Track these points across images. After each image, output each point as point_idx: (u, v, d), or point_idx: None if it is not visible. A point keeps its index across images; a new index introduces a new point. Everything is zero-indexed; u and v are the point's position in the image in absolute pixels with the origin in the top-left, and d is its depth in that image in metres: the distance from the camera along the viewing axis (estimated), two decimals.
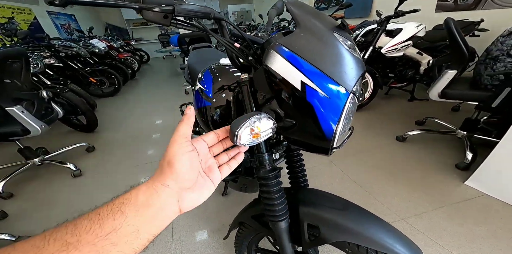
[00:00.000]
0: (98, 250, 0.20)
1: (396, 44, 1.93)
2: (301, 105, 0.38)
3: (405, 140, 1.71)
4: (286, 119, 0.42)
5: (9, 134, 1.42)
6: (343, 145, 0.47)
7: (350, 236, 0.46)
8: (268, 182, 0.48)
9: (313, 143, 0.42)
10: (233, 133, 0.31)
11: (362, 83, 2.23)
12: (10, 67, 1.42)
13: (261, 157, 0.47)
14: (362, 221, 0.48)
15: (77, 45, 3.01)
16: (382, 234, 0.45)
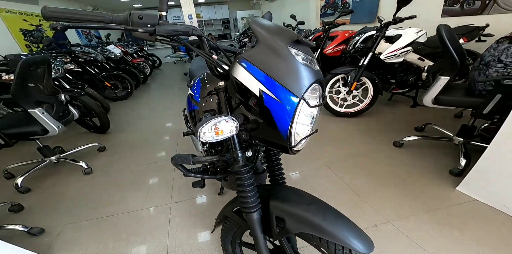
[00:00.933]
0: None
1: (395, 50, 1.96)
2: (261, 109, 0.45)
3: (402, 146, 1.72)
4: (252, 121, 0.49)
5: (30, 133, 1.57)
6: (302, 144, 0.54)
7: (311, 228, 0.52)
8: (241, 176, 0.55)
9: (275, 142, 0.49)
10: (196, 131, 0.39)
11: (362, 89, 2.26)
12: (35, 73, 1.59)
13: (235, 154, 0.54)
14: (324, 216, 0.53)
15: (95, 51, 3.25)
16: (340, 228, 0.51)
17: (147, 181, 1.65)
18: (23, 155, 2.22)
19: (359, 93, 2.27)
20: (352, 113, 2.35)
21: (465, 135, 1.50)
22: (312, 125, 0.55)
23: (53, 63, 2.19)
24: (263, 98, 0.44)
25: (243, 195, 0.56)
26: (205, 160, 0.71)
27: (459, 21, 2.38)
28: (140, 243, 1.14)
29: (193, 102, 0.73)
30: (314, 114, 0.53)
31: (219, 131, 0.42)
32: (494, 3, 2.11)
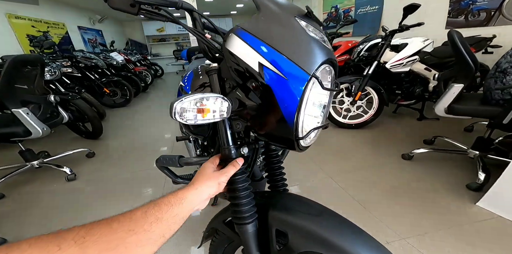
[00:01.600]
0: (169, 226, 0.32)
1: (402, 59, 1.90)
2: (261, 90, 0.35)
3: (412, 158, 1.59)
4: (249, 108, 0.39)
5: (10, 134, 1.46)
6: (311, 138, 0.43)
7: (321, 246, 0.39)
8: (233, 178, 0.43)
9: (278, 133, 0.38)
10: (171, 107, 0.28)
11: (367, 100, 2.19)
12: (25, 72, 1.52)
13: (227, 150, 0.43)
14: (338, 230, 0.41)
15: (97, 57, 3.24)
16: (360, 246, 0.38)
17: (134, 190, 1.50)
18: (4, 159, 2.08)
19: (364, 104, 2.19)
20: (356, 124, 2.25)
21: (481, 148, 1.38)
22: (322, 118, 0.45)
23: (50, 66, 2.13)
24: (263, 73, 0.34)
25: (236, 201, 0.43)
26: (193, 161, 0.60)
27: (464, 33, 2.38)
28: None
29: (182, 93, 0.63)
30: (325, 102, 0.43)
31: (206, 110, 0.31)
32: (499, 14, 2.11)
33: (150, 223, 0.30)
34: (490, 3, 2.21)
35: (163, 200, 0.34)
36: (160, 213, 0.32)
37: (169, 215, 0.32)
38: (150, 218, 0.30)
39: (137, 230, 0.28)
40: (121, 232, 0.27)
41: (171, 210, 0.33)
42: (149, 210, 0.31)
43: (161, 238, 0.31)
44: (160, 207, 0.32)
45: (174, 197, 0.35)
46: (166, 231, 0.32)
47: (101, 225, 0.27)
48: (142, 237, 0.28)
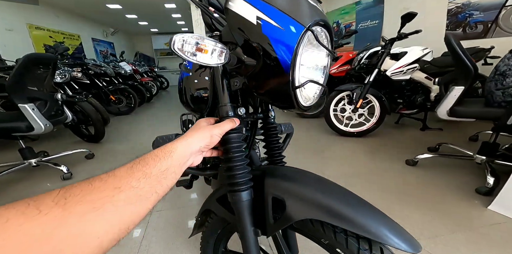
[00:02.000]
0: (159, 181, 0.30)
1: (402, 67, 1.94)
2: (259, 41, 0.36)
3: (416, 164, 1.54)
4: (247, 63, 0.39)
5: (13, 129, 1.46)
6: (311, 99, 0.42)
7: (321, 213, 0.36)
8: (227, 136, 0.41)
9: (275, 87, 0.38)
10: (171, 39, 0.29)
11: (369, 108, 2.19)
12: (37, 69, 1.57)
13: (223, 108, 0.42)
14: (340, 198, 0.38)
15: (106, 65, 3.38)
16: (370, 217, 0.35)
17: None
18: (4, 158, 2.07)
19: (365, 111, 2.19)
20: (358, 133, 2.23)
21: (488, 153, 1.35)
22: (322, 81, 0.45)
23: (61, 69, 2.22)
24: (260, 25, 0.35)
25: (230, 164, 0.41)
26: None
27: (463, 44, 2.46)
28: None
29: (183, 70, 0.65)
30: (324, 65, 0.44)
31: (204, 49, 0.32)
32: (496, 26, 2.19)
33: (137, 179, 0.27)
34: (486, 15, 2.31)
35: (150, 154, 0.32)
36: (147, 167, 0.29)
37: (158, 170, 0.30)
38: (136, 174, 0.28)
39: (124, 187, 0.26)
40: (106, 190, 0.24)
41: (159, 164, 0.31)
42: (135, 165, 0.29)
43: (153, 194, 0.29)
44: (147, 162, 0.30)
45: (161, 151, 0.33)
46: (157, 187, 0.29)
47: (82, 184, 0.24)
48: (131, 194, 0.26)
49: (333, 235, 0.37)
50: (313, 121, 2.93)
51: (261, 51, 0.37)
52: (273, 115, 0.55)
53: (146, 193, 0.28)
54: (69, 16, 5.21)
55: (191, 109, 0.66)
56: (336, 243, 0.37)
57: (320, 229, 0.38)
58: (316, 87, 0.45)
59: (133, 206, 0.26)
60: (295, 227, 0.42)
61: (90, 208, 0.22)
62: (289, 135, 0.76)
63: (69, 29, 4.77)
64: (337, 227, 0.37)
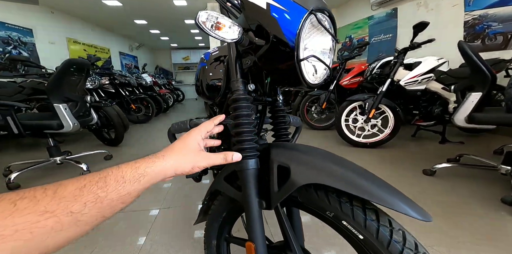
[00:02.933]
0: (113, 206, 0.25)
1: (416, 76, 1.92)
2: (268, 22, 0.41)
3: (434, 174, 1.46)
4: (258, 44, 0.44)
5: (45, 126, 1.61)
6: (318, 77, 0.46)
7: (326, 177, 0.37)
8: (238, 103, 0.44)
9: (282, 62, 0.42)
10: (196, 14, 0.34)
11: (382, 119, 2.15)
12: (74, 73, 1.75)
13: (236, 82, 0.47)
14: (346, 166, 0.39)
15: (130, 76, 3.67)
16: (376, 185, 0.35)
17: None
18: (33, 154, 2.23)
19: (379, 122, 2.15)
20: (371, 143, 2.18)
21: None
22: (328, 63, 0.48)
23: (92, 76, 2.45)
24: (269, 10, 0.41)
25: (238, 130, 0.44)
26: (203, 121, 0.63)
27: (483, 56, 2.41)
28: (109, 246, 0.92)
29: (201, 62, 0.71)
30: (329, 47, 0.48)
31: (221, 25, 0.37)
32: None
33: (83, 203, 0.22)
34: (506, 26, 2.28)
35: (114, 173, 0.26)
36: (104, 190, 0.24)
37: (116, 194, 0.25)
38: (85, 197, 0.23)
39: (58, 212, 0.21)
40: (30, 214, 0.19)
41: (121, 187, 0.25)
42: (89, 184, 0.24)
43: (97, 219, 0.24)
44: (107, 183, 0.25)
45: (131, 171, 0.27)
46: (107, 212, 0.24)
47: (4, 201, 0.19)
48: (65, 220, 0.21)
49: (338, 206, 0.38)
50: (324, 132, 2.91)
51: (270, 31, 0.42)
52: (281, 99, 0.58)
53: (89, 218, 0.23)
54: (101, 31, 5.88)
55: (206, 98, 0.71)
56: (342, 214, 0.37)
57: (325, 199, 0.39)
58: (322, 67, 0.49)
59: (63, 232, 0.21)
60: (299, 200, 0.43)
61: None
62: (298, 128, 0.78)
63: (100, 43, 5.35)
64: (342, 197, 0.38)
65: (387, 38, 3.89)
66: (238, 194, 0.49)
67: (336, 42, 0.49)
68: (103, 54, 5.45)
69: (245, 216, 0.45)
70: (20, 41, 4.38)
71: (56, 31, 5.06)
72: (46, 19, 4.96)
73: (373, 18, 4.14)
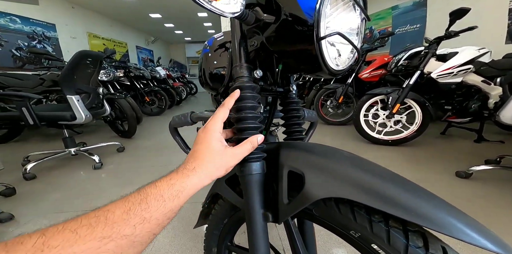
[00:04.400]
0: (159, 224, 0.26)
1: (451, 68, 1.69)
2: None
3: (470, 176, 1.29)
4: (266, 20, 0.34)
5: (59, 117, 1.63)
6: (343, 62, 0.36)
7: (355, 190, 0.27)
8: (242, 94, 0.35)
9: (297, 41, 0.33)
10: None
11: (407, 113, 1.96)
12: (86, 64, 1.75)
13: (239, 67, 0.37)
14: (384, 178, 0.29)
15: (145, 69, 3.70)
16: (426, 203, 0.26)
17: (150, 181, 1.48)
18: (50, 146, 2.32)
19: (403, 118, 1.96)
20: (393, 141, 2.00)
21: None
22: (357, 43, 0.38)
23: (106, 69, 2.47)
24: None
25: (240, 126, 0.35)
26: (206, 115, 0.56)
27: None
28: None
29: (203, 48, 0.63)
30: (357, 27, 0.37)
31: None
32: None
33: (133, 225, 0.24)
34: None
35: (153, 192, 0.27)
36: (148, 211, 0.25)
37: (160, 213, 0.26)
38: (133, 220, 0.24)
39: (115, 237, 0.22)
40: (91, 241, 0.21)
41: (163, 206, 0.26)
42: (133, 207, 0.25)
43: (150, 237, 0.26)
44: (149, 204, 0.25)
45: (168, 189, 0.27)
46: (156, 229, 0.26)
47: (66, 231, 0.21)
48: (122, 243, 0.23)
49: (368, 226, 0.28)
50: (339, 128, 2.74)
51: (282, 5, 0.32)
52: (295, 90, 0.48)
53: (142, 238, 0.24)
54: (119, 25, 6.03)
55: (209, 88, 0.63)
56: (372, 236, 0.28)
57: (349, 215, 0.30)
58: (348, 49, 0.39)
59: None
60: (314, 214, 0.34)
61: None
62: (313, 124, 0.68)
63: (118, 38, 5.52)
64: (374, 215, 0.28)
65: (413, 28, 3.57)
66: (240, 201, 0.41)
67: (367, 20, 0.38)
68: (121, 48, 5.60)
69: (247, 230, 0.37)
70: (44, 36, 4.57)
71: (77, 26, 5.22)
72: (68, 14, 5.12)
73: (398, 8, 3.82)
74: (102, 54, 1.85)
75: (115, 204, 0.25)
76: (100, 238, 0.21)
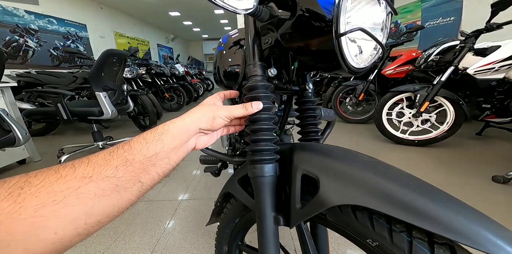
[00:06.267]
0: (145, 169, 0.26)
1: (492, 63, 1.52)
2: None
3: (509, 182, 1.16)
4: (281, 17, 0.33)
5: (88, 113, 1.75)
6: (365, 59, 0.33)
7: (374, 198, 0.25)
8: (256, 92, 0.35)
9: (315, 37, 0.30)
10: None
11: (438, 112, 1.81)
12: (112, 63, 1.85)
13: (252, 65, 0.36)
14: (407, 185, 0.26)
15: (165, 66, 3.85)
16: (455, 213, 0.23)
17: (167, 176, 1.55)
18: (80, 139, 2.51)
19: (432, 117, 1.82)
20: (420, 141, 1.87)
21: None
22: (382, 38, 0.35)
23: (130, 67, 2.59)
24: None
25: (253, 127, 0.34)
26: None
27: None
28: (130, 234, 0.96)
29: (218, 46, 0.62)
30: (382, 21, 0.34)
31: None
32: None
33: (115, 167, 0.23)
34: None
35: (138, 137, 0.27)
36: (130, 153, 0.25)
37: (143, 155, 0.25)
38: (115, 161, 0.24)
39: (95, 177, 0.22)
40: (72, 180, 0.21)
41: (145, 148, 0.26)
42: (116, 150, 0.25)
43: (135, 184, 0.25)
44: (131, 146, 0.25)
45: (151, 133, 0.28)
46: (142, 175, 0.25)
47: (49, 171, 0.21)
48: (103, 184, 0.22)
49: (388, 235, 0.26)
50: (359, 126, 2.62)
51: (298, 0, 0.30)
52: (311, 88, 0.46)
53: (125, 182, 0.24)
54: (141, 24, 6.31)
55: (224, 86, 0.63)
56: (392, 246, 0.25)
57: (367, 223, 0.28)
58: (371, 46, 0.36)
59: (106, 198, 0.22)
60: (328, 220, 0.32)
61: (48, 201, 0.19)
62: (330, 123, 0.65)
63: (141, 36, 5.82)
64: (396, 225, 0.26)
65: (447, 22, 3.25)
66: (252, 202, 0.41)
67: (393, 14, 0.35)
68: (144, 46, 5.88)
69: (257, 232, 0.36)
70: (77, 36, 4.92)
71: (105, 25, 5.54)
72: (97, 14, 5.44)
73: (428, 0, 3.50)
74: (127, 52, 1.94)
75: (103, 150, 0.25)
76: (80, 177, 0.21)
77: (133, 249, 0.87)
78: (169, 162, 0.28)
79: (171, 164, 0.28)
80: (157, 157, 0.26)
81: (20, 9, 3.78)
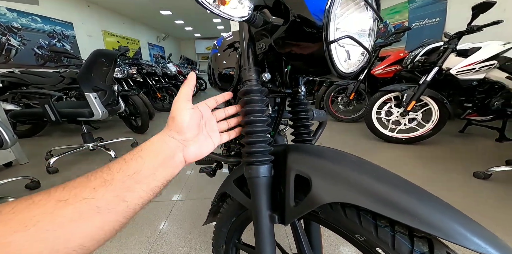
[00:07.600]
0: (126, 187, 0.25)
1: (473, 64, 1.60)
2: None
3: (489, 177, 1.23)
4: (275, 23, 0.34)
5: (78, 114, 1.71)
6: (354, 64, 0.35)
7: (361, 196, 0.28)
8: (250, 97, 0.36)
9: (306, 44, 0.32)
10: None
11: (424, 111, 1.89)
12: (101, 63, 1.81)
13: (247, 70, 0.38)
14: (391, 183, 0.29)
15: (156, 66, 3.78)
16: (432, 209, 0.26)
17: None
18: (70, 141, 2.45)
19: (419, 116, 1.89)
20: (407, 139, 1.94)
21: None
22: (368, 44, 0.37)
23: (121, 66, 2.54)
24: None
25: (248, 129, 0.36)
26: None
27: None
28: (127, 235, 0.95)
29: (213, 48, 0.63)
30: (369, 27, 0.37)
31: (227, 1, 0.28)
32: None
33: (92, 188, 0.23)
34: None
35: (116, 159, 0.27)
36: (109, 173, 0.25)
37: (123, 174, 0.25)
38: (92, 183, 0.23)
39: (72, 200, 0.21)
40: (46, 205, 0.20)
41: (125, 167, 0.25)
42: (95, 173, 0.25)
43: (120, 204, 0.24)
44: (110, 167, 0.25)
45: (129, 153, 0.27)
46: (126, 195, 0.24)
47: (23, 198, 0.21)
48: (81, 207, 0.21)
49: (373, 230, 0.28)
50: (350, 125, 2.69)
51: (290, 7, 0.32)
52: (303, 91, 0.48)
53: (107, 203, 0.23)
54: (131, 22, 6.19)
55: (218, 88, 0.64)
56: (377, 240, 0.28)
57: (355, 220, 0.30)
58: (358, 52, 0.38)
59: (86, 222, 0.22)
60: (320, 217, 0.34)
61: (19, 227, 0.19)
62: (322, 124, 0.67)
63: (131, 35, 5.71)
64: (380, 220, 0.29)
65: (432, 23, 3.38)
66: (248, 201, 0.42)
67: (379, 21, 0.37)
68: (134, 45, 5.77)
69: (254, 230, 0.38)
70: (63, 35, 4.76)
71: (92, 24, 5.38)
72: (84, 13, 5.28)
73: (415, 1, 3.63)
74: (117, 52, 1.90)
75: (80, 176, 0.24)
76: (55, 201, 0.21)
77: (130, 249, 0.87)
78: (155, 178, 0.27)
79: (159, 181, 0.27)
80: (140, 174, 0.26)
81: (1, 7, 3.62)
